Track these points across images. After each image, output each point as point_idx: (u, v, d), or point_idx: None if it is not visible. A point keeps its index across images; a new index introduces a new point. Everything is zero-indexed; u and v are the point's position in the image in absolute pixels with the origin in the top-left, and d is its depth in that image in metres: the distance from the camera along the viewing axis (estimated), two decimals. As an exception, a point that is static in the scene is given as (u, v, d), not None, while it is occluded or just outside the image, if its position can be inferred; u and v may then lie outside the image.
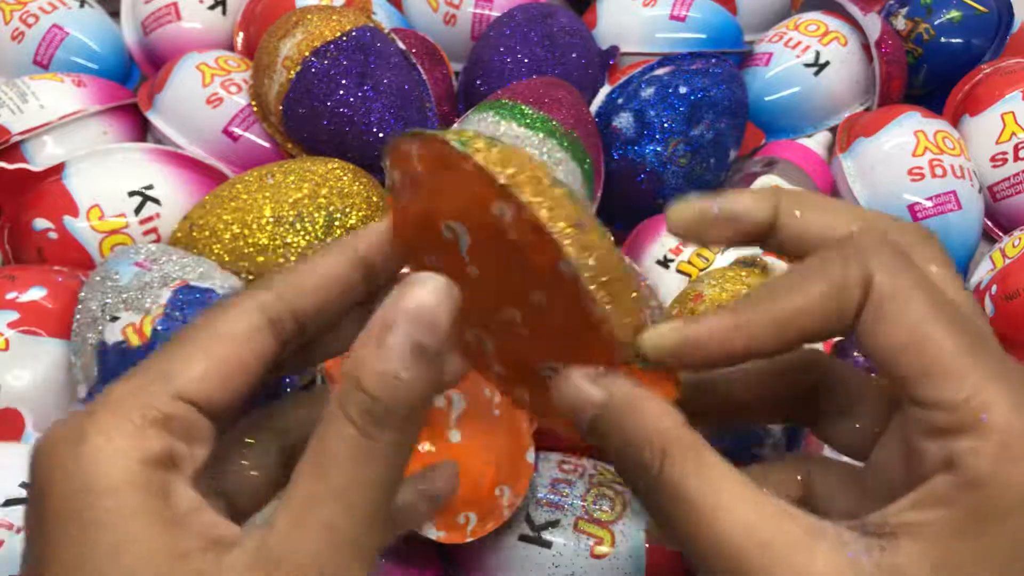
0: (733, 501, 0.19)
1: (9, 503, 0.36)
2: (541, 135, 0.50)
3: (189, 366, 0.20)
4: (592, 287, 0.20)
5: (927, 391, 0.19)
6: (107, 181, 0.53)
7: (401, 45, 0.58)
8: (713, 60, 0.58)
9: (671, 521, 0.20)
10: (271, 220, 0.49)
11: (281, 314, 0.22)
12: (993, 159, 0.59)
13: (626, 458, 0.20)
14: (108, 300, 0.44)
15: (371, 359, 0.18)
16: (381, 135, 0.54)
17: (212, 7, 0.66)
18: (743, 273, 0.44)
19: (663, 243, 0.52)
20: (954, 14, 0.64)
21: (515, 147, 0.21)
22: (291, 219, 0.49)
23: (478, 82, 0.61)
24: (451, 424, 0.40)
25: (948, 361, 0.19)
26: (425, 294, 0.19)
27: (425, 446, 0.39)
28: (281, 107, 0.55)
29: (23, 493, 0.36)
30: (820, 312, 0.20)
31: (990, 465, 0.18)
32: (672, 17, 0.65)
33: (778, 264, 0.46)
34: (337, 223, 0.49)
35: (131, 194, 0.53)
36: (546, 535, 0.40)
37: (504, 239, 0.21)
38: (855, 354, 0.50)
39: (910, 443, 0.20)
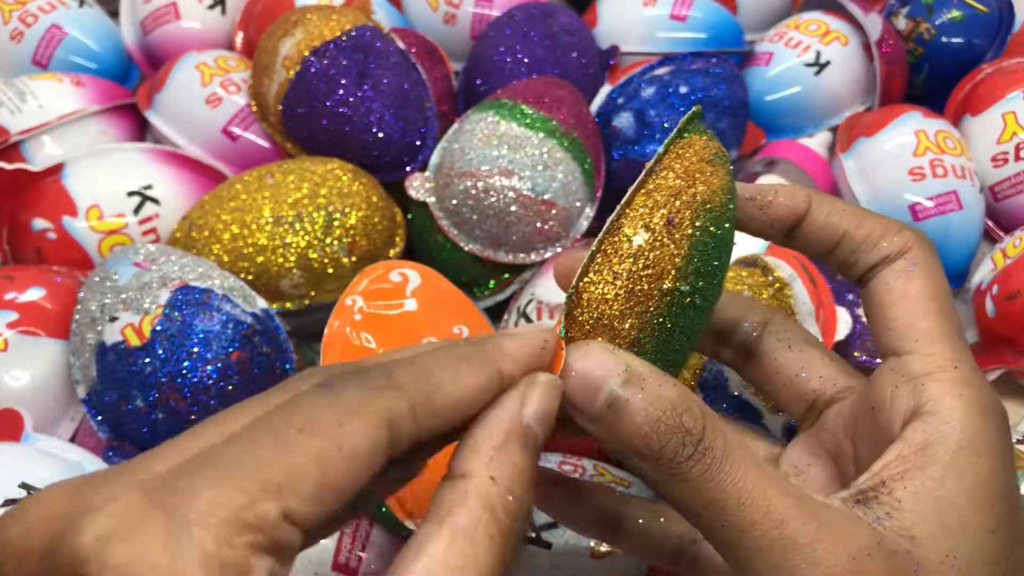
0: (770, 475, 0.21)
1: (9, 503, 0.36)
2: (541, 135, 0.50)
3: (302, 483, 0.17)
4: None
5: (908, 342, 0.23)
6: (106, 181, 0.53)
7: (401, 45, 0.58)
8: (713, 60, 0.58)
9: (704, 495, 0.21)
10: (270, 220, 0.49)
11: (404, 437, 0.19)
12: (994, 159, 0.59)
13: (654, 434, 0.21)
14: (107, 300, 0.44)
15: (511, 458, 0.20)
16: (381, 135, 0.54)
17: (211, 7, 0.66)
18: (744, 273, 0.44)
19: (663, 243, 0.52)
20: (955, 14, 0.64)
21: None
22: (290, 219, 0.49)
23: (478, 82, 0.60)
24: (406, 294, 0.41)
25: (933, 324, 0.23)
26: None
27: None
28: (280, 107, 0.55)
29: (23, 494, 0.36)
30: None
31: (959, 407, 0.21)
32: (672, 17, 0.65)
33: (779, 264, 0.46)
34: (337, 223, 0.49)
35: (130, 194, 0.52)
36: (546, 535, 0.40)
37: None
38: (855, 354, 0.50)
39: (878, 401, 0.23)
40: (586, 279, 0.23)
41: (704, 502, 0.21)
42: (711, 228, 0.24)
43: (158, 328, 0.42)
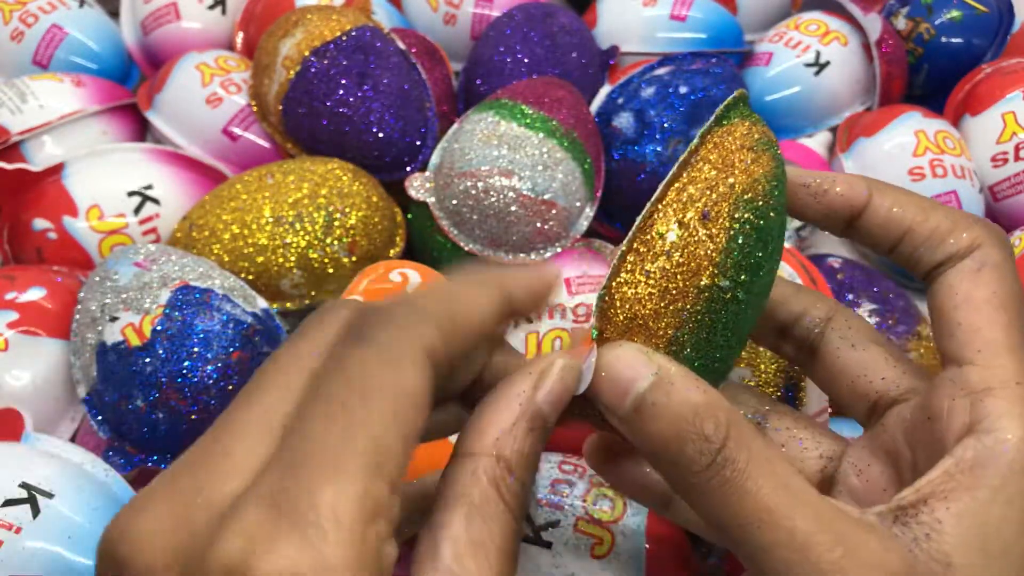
0: (797, 494, 0.20)
1: (9, 503, 0.36)
2: (541, 135, 0.50)
3: (394, 454, 0.18)
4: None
5: (970, 351, 0.21)
6: (106, 181, 0.53)
7: (401, 45, 0.58)
8: (713, 60, 0.58)
9: (724, 509, 0.20)
10: (271, 220, 0.49)
11: (440, 363, 0.20)
12: (994, 159, 0.59)
13: (674, 440, 0.20)
14: (107, 300, 0.44)
15: (516, 439, 0.21)
16: (381, 135, 0.54)
17: (212, 7, 0.66)
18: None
19: (663, 243, 0.52)
20: (955, 14, 0.64)
21: None
22: (291, 219, 0.49)
23: (478, 82, 0.60)
24: None
25: (999, 334, 0.21)
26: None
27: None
28: (281, 107, 0.55)
29: (23, 493, 0.36)
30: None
31: (1017, 426, 0.20)
32: (672, 17, 0.65)
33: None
34: (337, 223, 0.49)
35: (130, 194, 0.52)
36: (546, 536, 0.40)
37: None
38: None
39: (935, 411, 0.21)
40: (618, 279, 0.23)
41: (724, 516, 0.20)
42: (752, 219, 0.22)
43: (158, 328, 0.42)
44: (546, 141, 0.50)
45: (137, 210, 0.52)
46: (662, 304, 0.22)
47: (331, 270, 0.49)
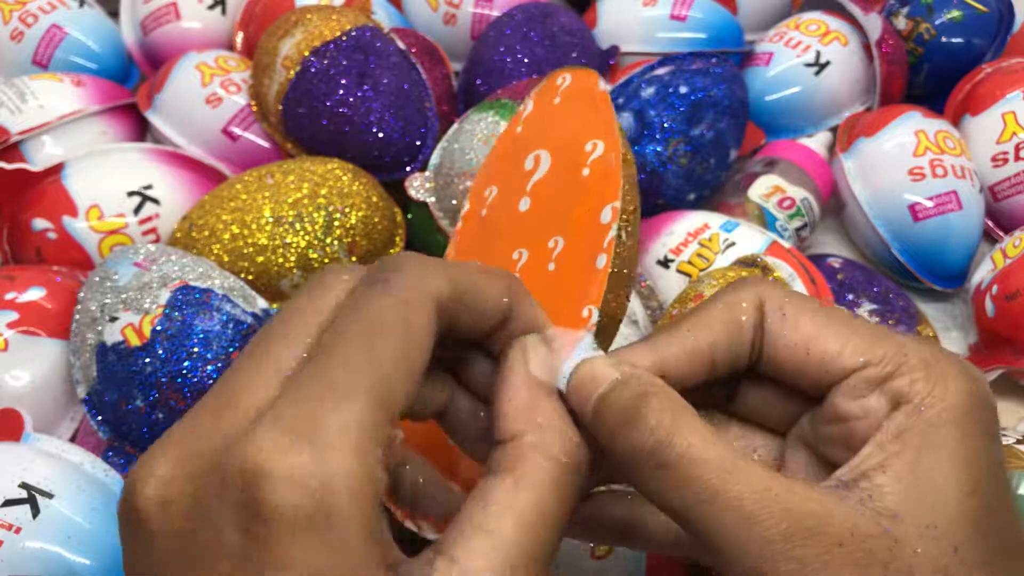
0: (741, 472, 0.20)
1: (9, 503, 0.36)
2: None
3: (398, 388, 0.20)
4: (618, 241, 0.24)
5: (852, 358, 0.23)
6: (106, 181, 0.53)
7: (401, 45, 0.58)
8: (713, 60, 0.58)
9: (673, 492, 0.21)
10: (270, 220, 0.49)
11: (446, 318, 0.21)
12: (994, 159, 0.59)
13: (621, 428, 0.22)
14: (107, 300, 0.44)
15: (546, 407, 0.22)
16: (381, 135, 0.54)
17: (211, 7, 0.66)
18: (744, 273, 0.44)
19: (664, 243, 0.52)
20: (955, 14, 0.64)
21: None
22: (291, 219, 0.49)
23: (478, 82, 0.60)
24: None
25: (859, 332, 0.23)
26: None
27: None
28: (280, 107, 0.55)
29: (23, 493, 0.36)
30: (726, 339, 0.24)
31: (926, 387, 0.21)
32: (672, 17, 0.65)
33: (778, 264, 0.46)
34: (337, 223, 0.49)
35: (130, 194, 0.52)
36: (546, 536, 0.40)
37: (575, 175, 0.25)
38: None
39: (845, 414, 0.23)
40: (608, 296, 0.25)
41: (675, 501, 0.21)
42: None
43: (158, 328, 0.42)
44: (546, 141, 0.50)
45: (137, 210, 0.52)
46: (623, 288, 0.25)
47: (331, 270, 0.49)
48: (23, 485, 0.37)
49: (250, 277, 0.49)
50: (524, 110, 0.28)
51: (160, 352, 0.41)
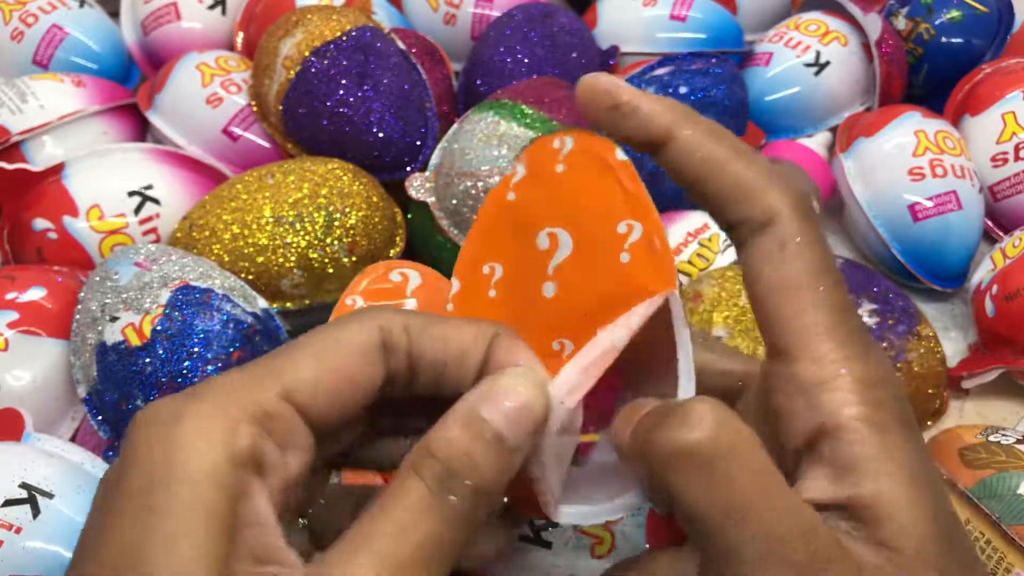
0: (775, 489, 0.19)
1: (9, 503, 0.36)
2: (541, 135, 0.50)
3: (301, 368, 0.20)
4: (679, 327, 0.22)
5: (791, 344, 0.20)
6: (107, 181, 0.53)
7: (401, 45, 0.58)
8: (713, 60, 0.58)
9: (705, 497, 0.19)
10: (271, 220, 0.49)
11: (398, 341, 0.21)
12: (994, 159, 0.59)
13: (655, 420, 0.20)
14: (108, 300, 0.44)
15: (452, 433, 0.20)
16: (381, 135, 0.54)
17: (212, 7, 0.66)
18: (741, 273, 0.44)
19: (663, 243, 0.52)
20: (954, 14, 0.64)
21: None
22: (291, 219, 0.49)
23: (478, 82, 0.60)
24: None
25: (813, 318, 0.20)
26: (521, 391, 0.21)
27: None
28: (281, 107, 0.55)
29: (23, 494, 0.36)
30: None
31: (853, 411, 0.19)
32: (672, 17, 0.65)
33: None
34: (337, 223, 0.49)
35: (131, 194, 0.52)
36: (546, 535, 0.40)
37: (610, 259, 0.22)
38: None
39: (775, 408, 0.21)
40: None
41: (702, 506, 0.20)
42: None
43: (159, 328, 0.42)
44: (546, 141, 0.50)
45: (137, 210, 0.52)
46: None
47: (331, 270, 0.49)
48: (23, 485, 0.37)
49: (250, 277, 0.49)
50: (513, 175, 0.25)
51: (160, 352, 0.41)
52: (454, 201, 0.51)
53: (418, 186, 0.53)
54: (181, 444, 0.18)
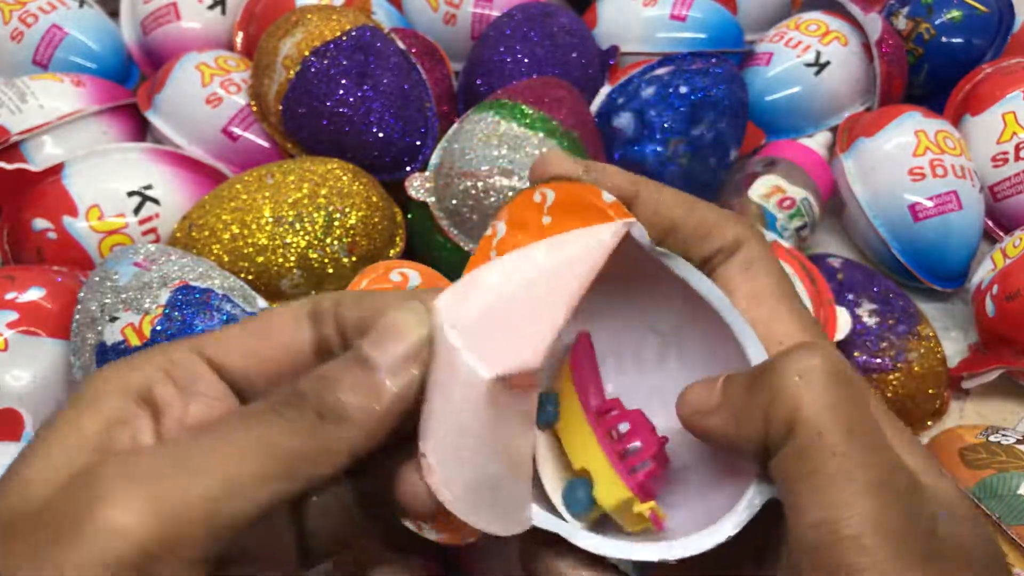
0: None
1: (8, 504, 0.36)
2: (541, 135, 0.50)
3: (220, 333, 0.23)
4: None
5: (770, 345, 0.23)
6: (106, 181, 0.53)
7: (401, 45, 0.58)
8: (713, 60, 0.58)
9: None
10: (270, 220, 0.49)
11: (325, 309, 0.23)
12: (994, 159, 0.59)
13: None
14: (107, 300, 0.44)
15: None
16: (381, 135, 0.54)
17: (211, 7, 0.66)
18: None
19: (663, 243, 0.52)
20: (955, 14, 0.64)
21: None
22: (291, 219, 0.49)
23: (478, 82, 0.60)
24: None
25: (788, 324, 0.24)
26: (393, 315, 0.22)
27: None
28: (280, 107, 0.55)
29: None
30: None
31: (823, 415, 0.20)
32: (672, 17, 0.65)
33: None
34: (337, 223, 0.49)
35: (130, 194, 0.52)
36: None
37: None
38: (855, 354, 0.50)
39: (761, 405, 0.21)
40: None
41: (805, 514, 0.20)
42: None
43: (158, 328, 0.42)
44: (546, 141, 0.50)
45: (137, 210, 0.52)
46: None
47: (331, 270, 0.49)
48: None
49: (250, 277, 0.49)
50: (494, 234, 0.24)
51: (160, 352, 0.41)
52: (454, 201, 0.51)
53: (418, 186, 0.53)
54: (90, 384, 0.21)
